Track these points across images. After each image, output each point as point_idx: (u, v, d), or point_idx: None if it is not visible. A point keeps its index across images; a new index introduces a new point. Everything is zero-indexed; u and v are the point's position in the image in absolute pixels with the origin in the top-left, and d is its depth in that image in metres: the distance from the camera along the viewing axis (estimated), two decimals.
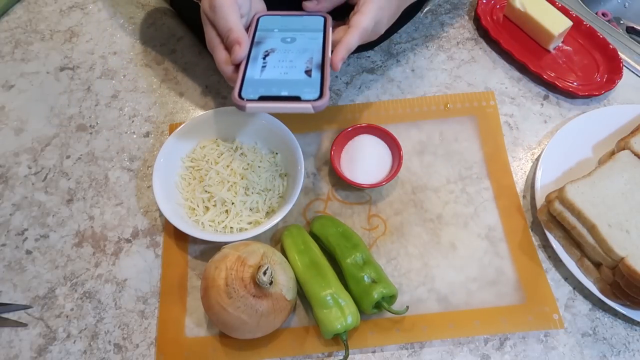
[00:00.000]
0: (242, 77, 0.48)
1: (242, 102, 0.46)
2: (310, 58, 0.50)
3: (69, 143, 0.68)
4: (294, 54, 0.51)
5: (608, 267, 0.55)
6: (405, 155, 0.63)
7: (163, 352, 0.55)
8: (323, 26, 0.54)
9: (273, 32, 0.53)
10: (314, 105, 0.45)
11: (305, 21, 0.55)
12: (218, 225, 0.59)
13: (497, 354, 0.54)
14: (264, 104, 0.46)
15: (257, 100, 0.46)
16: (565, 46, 0.73)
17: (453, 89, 0.71)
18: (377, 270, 0.54)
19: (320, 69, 0.48)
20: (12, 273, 0.60)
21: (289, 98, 0.46)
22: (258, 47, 0.52)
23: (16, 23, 0.79)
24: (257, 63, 0.50)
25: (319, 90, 0.46)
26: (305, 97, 0.46)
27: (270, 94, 0.46)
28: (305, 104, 0.45)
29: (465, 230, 0.61)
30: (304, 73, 0.48)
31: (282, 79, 0.48)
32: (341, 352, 0.53)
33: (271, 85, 0.47)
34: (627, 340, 0.55)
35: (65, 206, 0.64)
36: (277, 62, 0.50)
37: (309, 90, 0.46)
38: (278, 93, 0.46)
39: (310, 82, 0.47)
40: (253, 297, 0.50)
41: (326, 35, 0.53)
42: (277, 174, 0.62)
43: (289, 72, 0.48)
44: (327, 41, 0.52)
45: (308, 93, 0.46)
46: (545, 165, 0.62)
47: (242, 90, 0.47)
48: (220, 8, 0.50)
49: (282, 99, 0.46)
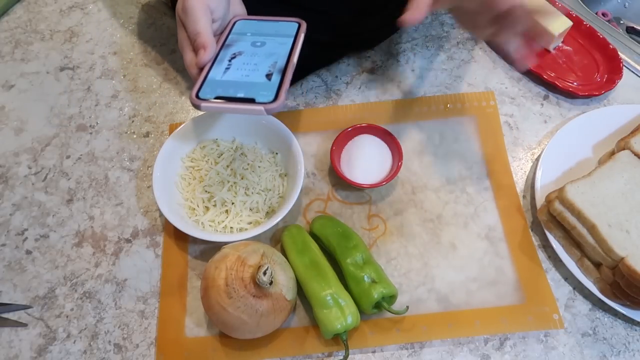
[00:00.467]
0: (204, 77, 0.50)
1: (197, 101, 0.48)
2: (275, 62, 0.51)
3: (69, 143, 0.68)
4: (259, 58, 0.52)
5: (608, 267, 0.55)
6: (405, 155, 0.63)
7: (163, 352, 0.55)
8: (295, 32, 0.55)
9: (245, 36, 0.55)
10: (266, 107, 0.46)
11: (279, 27, 0.56)
12: (218, 225, 0.59)
13: (497, 354, 0.54)
14: (219, 105, 0.47)
15: (212, 100, 0.47)
16: (565, 46, 0.73)
17: (453, 89, 0.71)
18: (377, 270, 0.54)
19: (282, 73, 0.50)
20: (12, 273, 0.60)
21: (244, 100, 0.47)
22: (227, 50, 0.53)
23: (16, 23, 0.79)
24: (221, 65, 0.51)
25: (274, 93, 0.47)
26: (260, 99, 0.47)
27: (227, 95, 0.48)
28: (257, 106, 0.46)
29: (465, 230, 0.61)
30: (264, 77, 0.49)
31: (241, 81, 0.49)
32: (341, 352, 0.53)
33: (229, 87, 0.49)
34: (627, 340, 0.55)
35: (65, 206, 0.64)
36: (241, 65, 0.51)
37: (265, 93, 0.47)
38: (234, 94, 0.48)
39: (268, 85, 0.49)
40: (253, 297, 0.50)
41: (296, 41, 0.54)
42: (277, 174, 0.62)
43: (251, 74, 0.50)
44: (295, 47, 0.53)
45: (263, 96, 0.47)
46: (545, 165, 0.62)
47: (200, 90, 0.49)
48: (191, 11, 0.50)
49: (236, 100, 0.47)
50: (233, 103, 0.47)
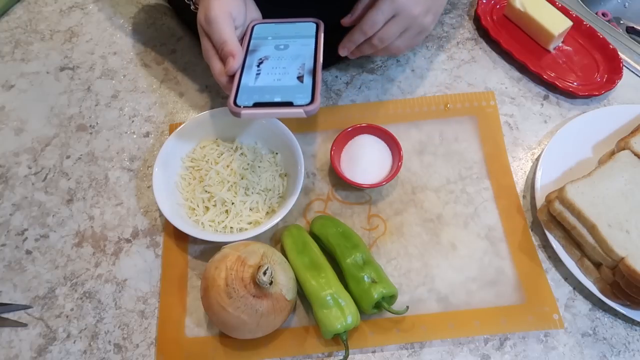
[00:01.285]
0: (237, 85, 0.50)
1: (237, 109, 0.48)
2: (303, 64, 0.51)
3: (69, 143, 0.68)
4: (286, 61, 0.52)
5: (608, 267, 0.55)
6: (405, 155, 0.63)
7: (163, 352, 0.55)
8: (315, 32, 0.55)
9: (267, 40, 0.55)
10: (306, 110, 0.47)
11: (298, 28, 0.56)
12: (218, 225, 0.59)
13: (497, 354, 0.54)
14: (258, 110, 0.48)
15: (251, 107, 0.48)
16: (565, 46, 0.73)
17: (453, 89, 0.71)
18: (377, 270, 0.54)
19: (312, 74, 0.50)
20: (12, 273, 0.60)
21: (282, 104, 0.47)
22: (252, 55, 0.53)
23: (16, 23, 0.79)
24: (251, 71, 0.51)
25: (311, 95, 0.48)
26: (298, 102, 0.47)
27: (264, 100, 0.48)
28: (297, 109, 0.47)
29: (465, 230, 0.61)
30: (296, 79, 0.50)
31: (275, 86, 0.49)
32: (341, 352, 0.53)
33: (265, 92, 0.49)
34: (627, 340, 0.55)
35: (65, 206, 0.64)
36: (270, 69, 0.51)
37: (301, 95, 0.48)
38: (271, 99, 0.48)
39: (302, 87, 0.49)
40: (253, 297, 0.50)
41: (318, 41, 0.54)
42: (277, 174, 0.62)
43: (282, 78, 0.50)
44: (318, 47, 0.53)
45: (300, 98, 0.48)
46: (545, 165, 0.62)
47: (237, 98, 0.49)
48: (215, 21, 0.51)
49: (275, 104, 0.47)
50: (272, 108, 0.47)
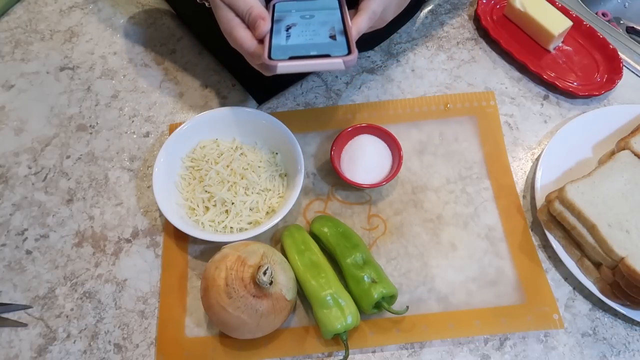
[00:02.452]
0: (269, 43, 0.48)
1: (272, 62, 0.46)
2: (332, 27, 0.50)
3: (69, 143, 0.68)
4: (315, 26, 0.51)
5: (608, 267, 0.55)
6: (405, 155, 0.63)
7: (163, 352, 0.55)
8: (338, 4, 0.54)
9: (291, 13, 0.53)
10: (345, 60, 0.45)
11: (320, 3, 0.55)
12: (218, 225, 0.59)
13: (497, 354, 0.54)
14: (296, 62, 0.46)
15: (287, 59, 0.46)
16: (565, 46, 0.73)
17: (453, 89, 0.71)
18: (377, 270, 0.54)
19: (344, 33, 0.49)
20: (12, 273, 0.60)
21: (319, 56, 0.46)
22: (279, 24, 0.52)
23: (16, 23, 0.79)
24: (280, 35, 0.50)
25: (347, 47, 0.46)
26: (335, 53, 0.46)
27: (300, 54, 0.46)
28: (335, 59, 0.45)
29: (465, 230, 0.61)
30: (328, 38, 0.48)
31: (309, 43, 0.48)
32: (341, 352, 0.53)
33: (299, 48, 0.47)
34: (627, 340, 0.55)
35: (65, 206, 0.64)
36: (300, 32, 0.50)
37: (337, 49, 0.46)
38: (307, 53, 0.47)
39: (337, 43, 0.47)
40: (253, 297, 0.50)
41: (343, 10, 0.53)
42: (277, 174, 0.62)
43: (314, 38, 0.49)
44: (344, 14, 0.52)
45: (337, 51, 0.46)
46: (545, 165, 0.62)
47: (271, 53, 0.47)
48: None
49: (312, 57, 0.46)
50: (309, 60, 0.46)
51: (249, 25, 0.51)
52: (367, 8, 0.52)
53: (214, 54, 0.73)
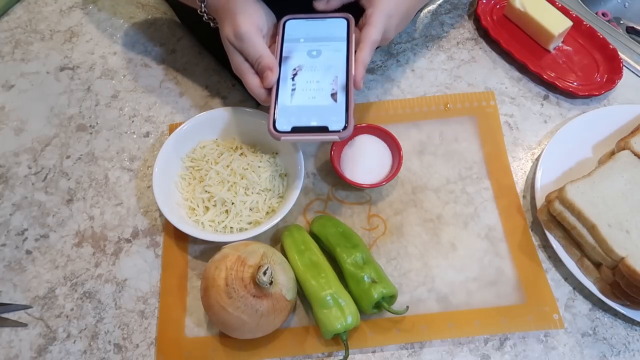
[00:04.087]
0: (274, 105, 0.52)
1: (277, 135, 0.51)
2: (336, 77, 0.53)
3: (69, 143, 0.68)
4: (320, 73, 0.54)
5: (608, 267, 0.55)
6: (405, 155, 0.63)
7: (163, 352, 0.55)
8: (347, 32, 0.56)
9: (299, 43, 0.56)
10: (340, 135, 0.50)
11: (329, 26, 0.57)
12: (218, 225, 0.59)
13: (497, 354, 0.54)
14: (296, 137, 0.51)
15: (290, 132, 0.51)
16: (565, 46, 0.73)
17: (453, 89, 0.71)
18: (377, 270, 0.54)
19: (345, 91, 0.52)
20: (12, 273, 0.60)
21: (318, 129, 0.50)
22: (286, 64, 0.55)
23: (16, 23, 0.79)
24: (287, 85, 0.53)
25: (345, 119, 0.50)
26: (333, 127, 0.50)
27: (301, 124, 0.51)
28: (332, 134, 0.50)
29: (465, 230, 0.61)
30: (330, 97, 0.52)
31: (310, 106, 0.52)
32: (341, 352, 0.53)
33: (302, 114, 0.51)
34: (627, 340, 0.55)
35: (65, 206, 0.64)
36: (305, 84, 0.53)
37: (335, 118, 0.51)
38: (308, 123, 0.51)
39: (336, 108, 0.51)
40: (253, 297, 0.50)
41: (350, 44, 0.55)
42: (277, 174, 0.62)
43: (317, 95, 0.52)
44: (350, 51, 0.55)
45: (335, 122, 0.50)
46: (545, 165, 0.62)
47: (276, 122, 0.51)
48: (247, 36, 0.52)
49: (311, 129, 0.50)
50: (308, 134, 0.51)
51: (257, 72, 0.53)
52: (366, 39, 0.54)
53: (214, 54, 0.73)
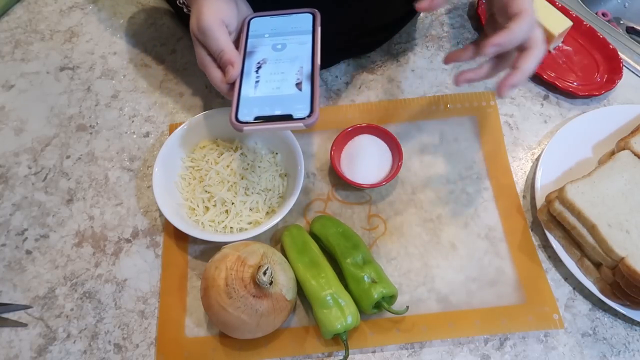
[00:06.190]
0: (238, 97, 0.50)
1: (239, 125, 0.49)
2: (301, 67, 0.51)
3: (69, 143, 0.68)
4: (284, 64, 0.52)
5: (608, 267, 0.55)
6: (405, 155, 0.63)
7: (163, 352, 0.55)
8: (312, 25, 0.55)
9: (263, 38, 0.55)
10: (305, 122, 0.47)
11: (294, 21, 0.56)
12: (218, 225, 0.59)
13: (497, 354, 0.54)
14: (260, 126, 0.48)
15: (252, 122, 0.48)
16: (565, 46, 0.73)
17: (453, 89, 0.71)
18: (377, 270, 0.54)
19: (310, 80, 0.50)
20: (12, 273, 0.60)
21: (282, 117, 0.48)
22: (251, 58, 0.53)
23: (16, 23, 0.79)
24: (250, 78, 0.52)
25: (309, 106, 0.48)
26: (297, 115, 0.48)
27: (264, 113, 0.49)
28: (296, 122, 0.47)
29: (465, 230, 0.61)
30: (294, 87, 0.50)
31: (274, 96, 0.50)
32: (341, 352, 0.53)
33: (265, 104, 0.49)
34: (627, 340, 0.55)
35: (65, 206, 0.64)
36: (269, 76, 0.51)
37: (300, 106, 0.48)
38: (271, 112, 0.49)
39: (301, 97, 0.49)
40: (253, 297, 0.50)
41: (315, 37, 0.54)
42: (277, 174, 0.62)
43: (281, 86, 0.50)
44: (316, 44, 0.53)
45: (299, 110, 0.48)
46: (545, 165, 0.62)
47: (238, 113, 0.49)
48: (209, 30, 0.50)
49: (275, 118, 0.48)
50: (272, 123, 0.48)
51: (220, 67, 0.52)
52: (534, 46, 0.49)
53: None
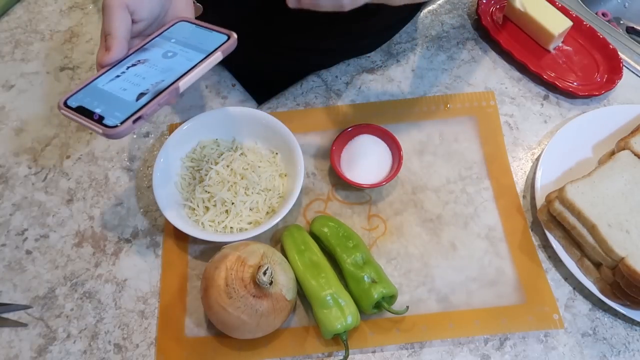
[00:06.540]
0: (88, 82, 0.50)
1: (61, 106, 0.48)
2: (161, 81, 0.49)
3: (69, 143, 0.68)
4: (153, 72, 0.50)
5: (608, 267, 0.55)
6: (405, 155, 0.63)
7: (163, 352, 0.55)
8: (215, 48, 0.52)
9: (168, 42, 0.53)
10: (106, 132, 0.46)
11: (206, 37, 0.53)
12: (218, 225, 0.59)
13: (497, 354, 0.54)
14: (72, 115, 0.48)
15: (74, 109, 0.48)
16: (565, 46, 0.73)
17: (453, 89, 0.71)
18: (377, 270, 0.54)
19: (153, 96, 0.48)
20: (12, 273, 0.60)
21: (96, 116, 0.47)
22: (138, 55, 0.51)
23: (16, 23, 0.79)
24: (116, 71, 0.50)
25: (123, 119, 0.47)
26: (107, 120, 0.47)
27: (87, 106, 0.48)
28: (99, 127, 0.46)
29: (465, 230, 0.61)
30: (136, 95, 0.48)
31: (114, 95, 0.49)
32: (341, 352, 0.53)
33: (98, 99, 0.48)
34: (627, 340, 0.55)
35: (65, 206, 0.64)
36: (131, 77, 0.50)
37: (118, 114, 0.47)
38: (93, 108, 0.48)
39: (129, 107, 0.48)
40: (253, 297, 0.50)
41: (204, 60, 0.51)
42: (277, 174, 0.62)
43: (129, 89, 0.49)
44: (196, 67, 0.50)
45: (114, 117, 0.47)
46: (545, 165, 0.62)
47: (73, 96, 0.48)
48: (108, 9, 0.49)
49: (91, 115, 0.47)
50: (83, 118, 0.47)
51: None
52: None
53: None
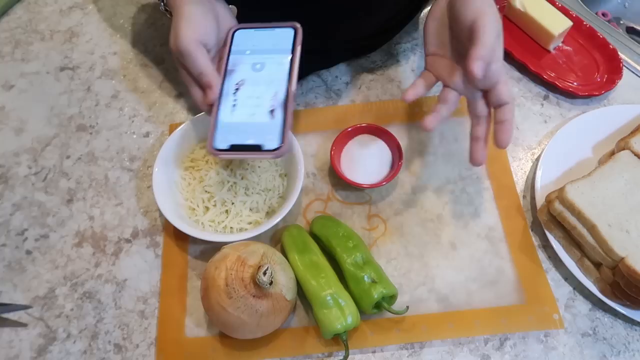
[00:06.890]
0: (215, 122, 0.53)
1: (215, 152, 0.52)
2: (275, 93, 0.53)
3: (69, 143, 0.68)
4: (261, 88, 0.54)
5: (608, 267, 0.55)
6: (405, 155, 0.63)
7: (163, 352, 0.55)
8: (292, 43, 0.55)
9: (244, 56, 0.56)
10: (275, 154, 0.51)
11: (275, 36, 0.56)
12: (218, 225, 0.59)
13: (497, 354, 0.54)
14: (234, 154, 0.52)
15: (227, 150, 0.52)
16: (565, 46, 0.73)
17: None
18: (377, 270, 0.54)
19: (283, 108, 0.52)
20: (12, 273, 0.60)
21: (254, 147, 0.51)
22: (231, 78, 0.55)
23: (16, 23, 0.79)
24: (228, 100, 0.54)
25: (280, 138, 0.51)
26: (267, 146, 0.51)
27: (238, 142, 0.52)
28: (267, 154, 0.51)
29: (465, 230, 0.61)
30: (268, 114, 0.52)
31: (249, 123, 0.52)
32: (341, 352, 0.53)
33: (240, 132, 0.52)
34: (627, 340, 0.55)
35: (65, 206, 0.64)
36: (246, 100, 0.53)
37: (270, 137, 0.51)
38: (245, 142, 0.52)
39: (273, 127, 0.51)
40: (253, 297, 0.50)
41: (293, 58, 0.55)
42: (277, 174, 0.62)
43: (256, 112, 0.53)
44: (293, 67, 0.54)
45: (270, 141, 0.51)
46: (545, 166, 0.62)
47: (215, 140, 0.52)
48: (187, 53, 0.51)
49: (247, 148, 0.51)
50: (244, 152, 0.52)
51: (201, 88, 0.54)
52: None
53: None
